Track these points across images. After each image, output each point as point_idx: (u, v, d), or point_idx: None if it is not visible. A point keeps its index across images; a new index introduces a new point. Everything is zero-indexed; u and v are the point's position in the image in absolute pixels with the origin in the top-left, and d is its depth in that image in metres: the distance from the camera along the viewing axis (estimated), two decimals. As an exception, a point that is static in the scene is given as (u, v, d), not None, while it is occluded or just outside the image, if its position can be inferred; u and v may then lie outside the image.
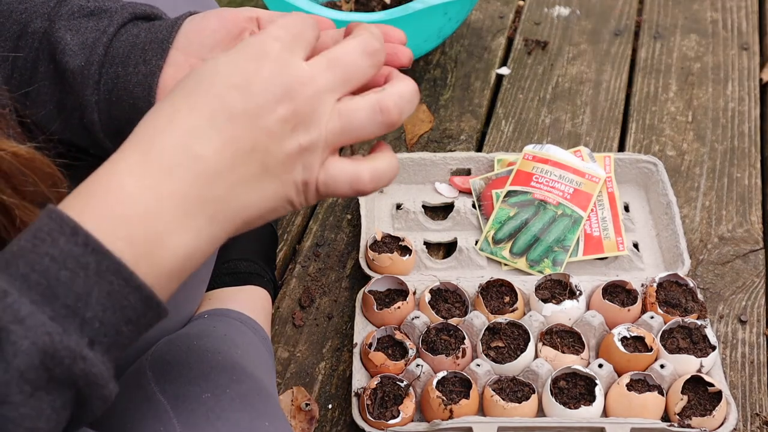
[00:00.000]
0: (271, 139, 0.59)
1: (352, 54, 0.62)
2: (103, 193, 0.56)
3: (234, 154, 0.58)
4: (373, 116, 0.61)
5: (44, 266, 0.53)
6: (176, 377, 0.85)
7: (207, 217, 0.58)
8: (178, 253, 0.57)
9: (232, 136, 0.58)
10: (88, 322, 0.53)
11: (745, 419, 1.08)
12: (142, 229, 0.55)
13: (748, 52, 1.60)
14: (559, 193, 1.26)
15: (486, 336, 1.09)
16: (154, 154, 0.57)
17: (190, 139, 0.57)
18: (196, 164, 0.57)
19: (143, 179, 0.56)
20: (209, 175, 0.57)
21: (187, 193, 0.57)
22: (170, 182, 0.57)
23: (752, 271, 1.24)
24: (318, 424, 1.08)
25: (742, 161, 1.40)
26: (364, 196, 0.60)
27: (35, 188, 0.63)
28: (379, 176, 0.63)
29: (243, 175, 0.58)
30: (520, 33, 1.66)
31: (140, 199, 0.56)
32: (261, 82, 0.59)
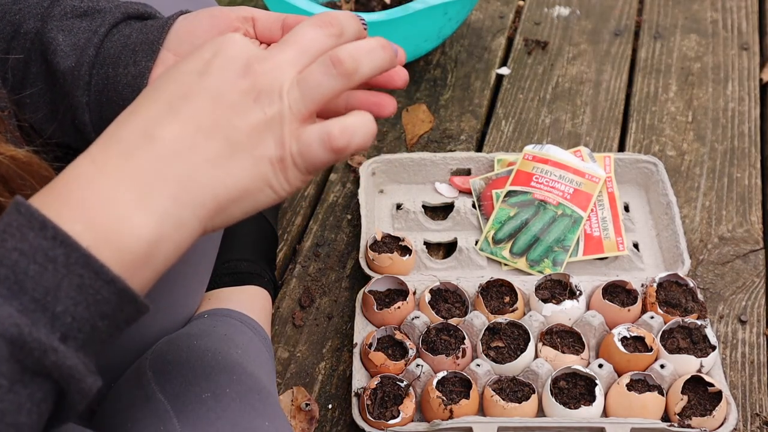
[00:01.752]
0: (234, 113, 0.58)
1: (305, 27, 0.61)
2: (64, 181, 0.56)
3: (195, 132, 0.57)
4: (327, 70, 0.59)
5: (12, 260, 0.52)
6: (176, 377, 0.85)
7: (169, 198, 0.56)
8: (141, 237, 0.55)
9: (192, 115, 0.57)
10: (59, 317, 0.53)
11: (745, 419, 1.08)
12: (101, 212, 0.54)
13: (748, 52, 1.60)
14: (559, 193, 1.26)
15: (486, 336, 1.09)
16: (114, 142, 0.57)
17: (148, 123, 0.57)
18: (154, 145, 0.56)
19: (101, 166, 0.56)
20: (168, 155, 0.56)
21: (145, 174, 0.55)
22: (128, 165, 0.56)
23: (752, 271, 1.24)
24: (318, 424, 1.08)
25: (742, 161, 1.40)
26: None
27: (33, 192, 0.62)
28: (351, 130, 0.60)
29: (207, 152, 0.57)
30: (520, 33, 1.66)
31: (98, 184, 0.55)
32: (220, 63, 0.59)
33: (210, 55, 0.59)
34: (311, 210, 1.35)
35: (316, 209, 1.34)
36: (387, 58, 0.62)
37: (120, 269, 0.54)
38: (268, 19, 0.77)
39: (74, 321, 0.53)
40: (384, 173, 1.34)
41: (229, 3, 1.70)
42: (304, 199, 1.35)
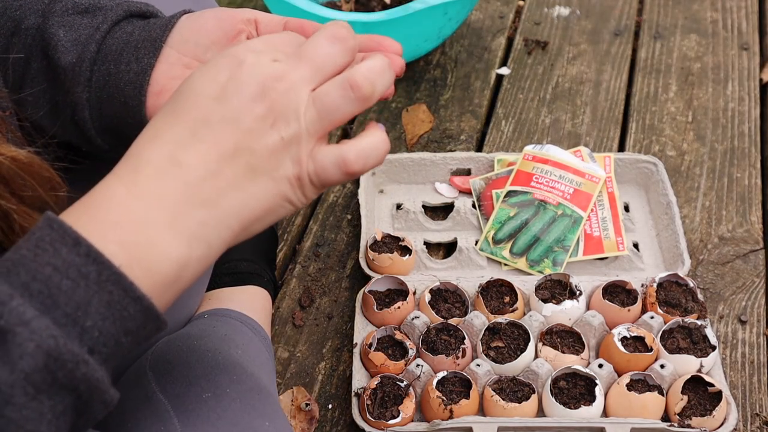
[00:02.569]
0: (253, 138, 0.60)
1: (320, 43, 0.62)
2: (97, 202, 0.58)
3: (218, 158, 0.59)
4: (344, 93, 0.61)
5: (46, 275, 0.53)
6: (177, 377, 0.85)
7: (198, 222, 0.58)
8: (171, 258, 0.57)
9: (214, 141, 0.59)
10: (88, 331, 0.54)
11: (745, 419, 1.08)
12: (134, 233, 0.56)
13: (748, 52, 1.60)
14: (559, 193, 1.26)
15: (486, 336, 1.09)
16: (142, 165, 0.59)
17: (175, 148, 0.59)
18: (182, 171, 0.58)
19: (132, 188, 0.58)
20: (196, 181, 0.58)
21: (175, 199, 0.58)
22: (158, 189, 0.58)
23: (752, 271, 1.24)
24: (318, 424, 1.08)
25: (742, 161, 1.40)
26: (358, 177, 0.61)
27: (34, 193, 0.64)
28: (365, 154, 0.62)
29: (231, 178, 0.59)
30: (520, 33, 1.66)
31: (130, 206, 0.57)
32: (235, 86, 0.60)
33: (224, 77, 0.60)
34: (311, 210, 1.35)
35: (316, 209, 1.34)
36: (393, 76, 0.64)
37: (149, 289, 0.56)
38: (271, 21, 0.77)
39: (101, 336, 0.55)
40: (384, 173, 1.34)
41: (229, 3, 1.70)
42: (304, 199, 1.35)
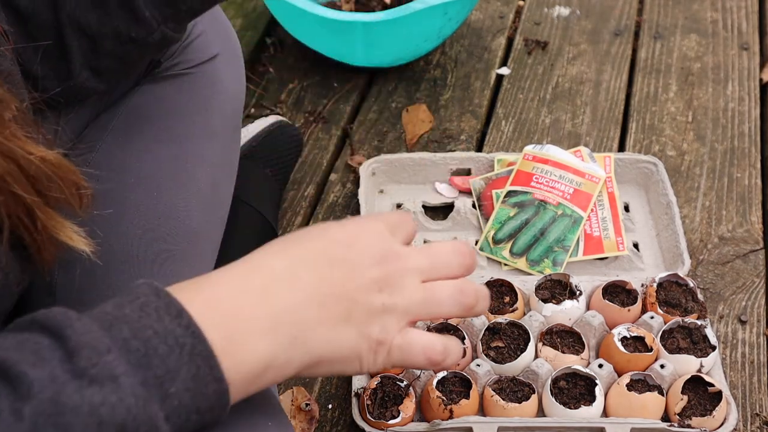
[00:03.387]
0: (360, 291, 0.65)
1: (444, 249, 0.70)
2: (211, 286, 0.62)
3: (328, 292, 0.64)
4: (454, 294, 0.68)
5: (146, 336, 0.56)
6: None
7: (289, 338, 0.62)
8: (259, 359, 0.61)
9: (330, 276, 0.64)
10: (170, 397, 0.56)
11: (745, 419, 1.08)
12: (234, 328, 0.60)
13: (748, 52, 1.60)
14: (559, 193, 1.26)
15: (486, 336, 1.09)
16: (264, 268, 0.64)
17: (296, 265, 0.64)
18: (293, 287, 0.63)
19: (246, 289, 0.62)
20: (302, 303, 0.63)
21: (280, 312, 0.62)
22: (269, 298, 0.62)
23: (752, 271, 1.24)
24: (318, 424, 1.08)
25: (742, 161, 1.40)
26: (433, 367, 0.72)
27: (59, 194, 0.66)
28: (448, 351, 0.69)
29: (329, 314, 0.64)
30: (520, 33, 1.66)
31: (240, 300, 0.61)
32: (363, 244, 0.66)
33: (357, 233, 0.67)
34: (311, 210, 1.35)
35: (316, 209, 1.34)
36: (488, 306, 0.72)
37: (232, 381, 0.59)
38: None
39: (179, 406, 0.57)
40: (384, 173, 1.34)
41: (230, 3, 1.70)
42: (304, 199, 1.35)
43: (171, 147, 0.99)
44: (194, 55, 1.04)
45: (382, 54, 1.49)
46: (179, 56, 1.03)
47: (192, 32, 1.05)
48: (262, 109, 1.51)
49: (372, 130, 1.47)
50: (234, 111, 1.08)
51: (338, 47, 1.49)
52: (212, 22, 1.08)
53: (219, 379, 0.59)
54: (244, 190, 1.20)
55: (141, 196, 0.95)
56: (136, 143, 0.95)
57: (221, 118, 1.04)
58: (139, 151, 0.96)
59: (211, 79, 1.04)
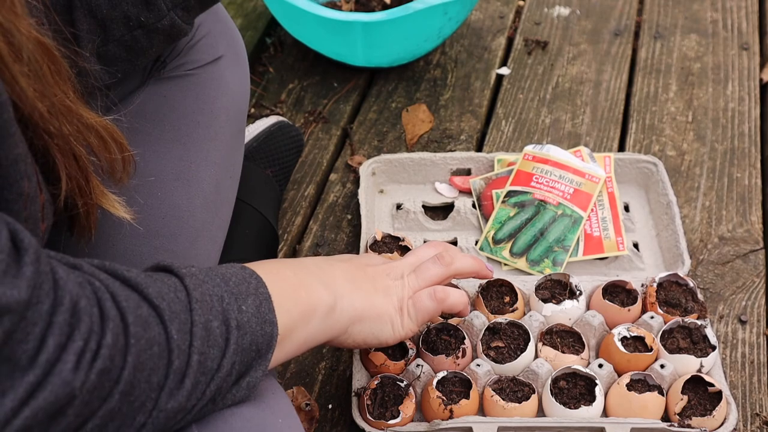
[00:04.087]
0: (375, 278, 0.92)
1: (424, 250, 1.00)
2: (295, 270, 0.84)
3: (355, 275, 0.90)
4: (435, 262, 0.97)
5: (221, 272, 0.75)
6: None
7: (336, 295, 0.86)
8: (299, 341, 0.82)
9: (354, 268, 0.92)
10: (242, 312, 0.72)
11: (745, 419, 1.08)
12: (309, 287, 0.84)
13: (748, 52, 1.60)
14: (559, 193, 1.26)
15: (486, 336, 1.09)
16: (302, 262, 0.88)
17: (337, 270, 0.89)
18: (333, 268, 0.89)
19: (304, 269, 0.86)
20: (340, 276, 0.88)
21: (328, 281, 0.86)
22: (320, 274, 0.86)
23: (752, 271, 1.24)
24: (318, 424, 1.08)
25: (742, 161, 1.40)
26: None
27: (112, 155, 0.76)
28: (447, 290, 0.97)
29: (361, 285, 0.90)
30: (520, 33, 1.66)
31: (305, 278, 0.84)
32: (374, 262, 0.95)
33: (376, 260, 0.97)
34: (311, 210, 1.35)
35: (316, 209, 1.34)
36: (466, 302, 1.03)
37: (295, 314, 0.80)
38: None
39: (247, 323, 0.73)
40: (384, 173, 1.34)
41: (230, 2, 1.70)
42: (304, 199, 1.35)
43: (175, 147, 0.99)
44: (199, 56, 1.04)
45: (382, 54, 1.49)
46: (184, 57, 1.04)
47: (197, 33, 1.05)
48: (262, 109, 1.51)
49: (372, 130, 1.47)
50: (238, 112, 1.08)
51: (338, 47, 1.49)
52: (217, 23, 1.08)
53: (272, 323, 0.74)
54: (244, 190, 1.20)
55: (145, 196, 0.95)
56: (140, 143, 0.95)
57: (226, 120, 1.05)
58: (144, 151, 0.96)
59: (216, 81, 1.05)
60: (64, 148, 0.69)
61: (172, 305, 0.67)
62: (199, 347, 0.67)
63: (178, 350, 0.66)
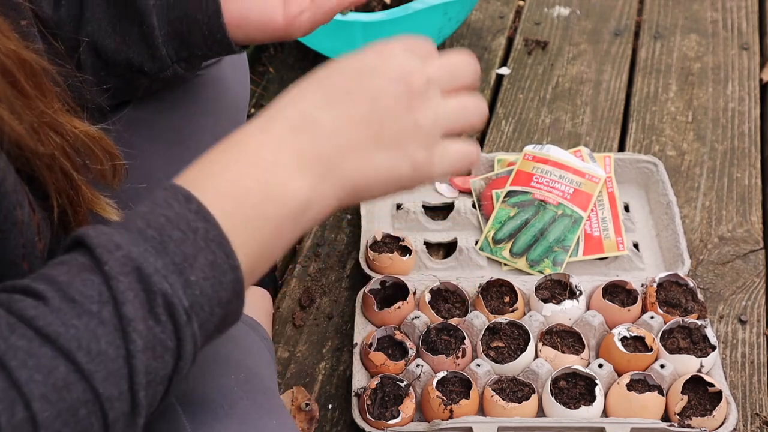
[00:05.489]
0: (388, 113, 0.64)
1: (458, 58, 0.70)
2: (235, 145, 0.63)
3: (348, 122, 0.64)
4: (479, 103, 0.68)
5: (159, 224, 0.57)
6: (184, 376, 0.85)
7: (320, 174, 0.63)
8: (297, 197, 0.62)
9: (349, 108, 0.64)
10: (191, 286, 0.57)
11: (745, 419, 1.08)
12: (268, 173, 0.61)
13: (748, 52, 1.60)
14: (559, 193, 1.26)
15: (486, 336, 1.09)
16: (280, 118, 0.64)
17: (312, 108, 0.64)
18: (314, 127, 0.63)
19: (270, 135, 0.63)
20: (325, 138, 0.63)
21: (305, 149, 0.63)
22: (291, 138, 0.63)
23: (752, 271, 1.24)
24: (318, 424, 1.08)
25: (743, 161, 1.40)
26: None
27: (100, 166, 0.71)
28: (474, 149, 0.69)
29: (357, 142, 0.64)
30: (520, 33, 1.66)
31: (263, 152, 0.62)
32: (380, 69, 0.65)
33: (372, 61, 0.66)
34: (311, 210, 1.35)
35: (316, 209, 1.34)
36: None
37: (275, 223, 0.61)
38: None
39: (201, 295, 0.57)
40: (384, 173, 1.34)
41: None
42: (304, 199, 1.35)
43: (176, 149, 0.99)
44: None
45: (382, 54, 1.49)
46: None
47: None
48: (262, 109, 1.51)
49: (372, 130, 1.47)
50: (239, 114, 1.08)
51: (338, 47, 1.49)
52: None
53: (235, 268, 0.59)
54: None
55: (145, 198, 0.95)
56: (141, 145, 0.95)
57: (227, 121, 1.05)
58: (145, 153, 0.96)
59: (216, 81, 1.05)
60: (51, 164, 0.67)
61: (92, 343, 0.54)
62: (143, 374, 0.55)
63: (111, 400, 0.54)
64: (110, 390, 0.54)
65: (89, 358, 0.53)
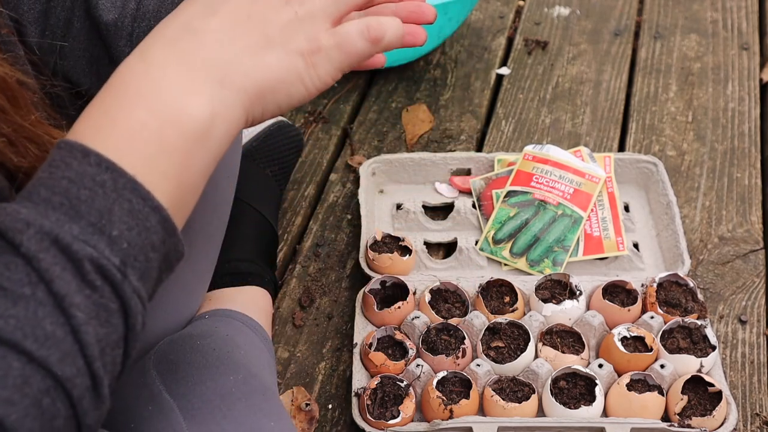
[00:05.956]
0: (267, 9, 0.62)
1: None
2: (118, 78, 0.59)
3: (233, 25, 0.61)
4: None
5: (63, 188, 0.54)
6: (182, 377, 0.85)
7: (215, 81, 0.59)
8: (197, 117, 0.58)
9: (230, 11, 0.62)
10: (116, 241, 0.54)
11: (745, 419, 1.08)
12: (157, 96, 0.58)
13: (748, 52, 1.60)
14: (559, 193, 1.26)
15: (486, 336, 1.09)
16: (158, 38, 0.61)
17: (190, 18, 0.61)
18: (197, 36, 0.60)
19: (150, 59, 0.59)
20: (210, 44, 0.60)
21: (191, 61, 0.59)
22: (173, 55, 0.59)
23: (752, 271, 1.24)
24: (318, 424, 1.08)
25: (743, 161, 1.40)
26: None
27: None
28: (384, 25, 0.65)
29: (245, 43, 0.61)
30: (520, 33, 1.66)
31: (149, 74, 0.58)
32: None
33: None
34: (311, 210, 1.35)
35: (316, 209, 1.34)
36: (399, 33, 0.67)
37: (183, 149, 0.57)
38: None
39: (130, 247, 0.55)
40: (384, 173, 1.34)
41: None
42: (304, 199, 1.35)
43: None
44: None
45: (382, 54, 1.49)
46: None
47: None
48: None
49: (372, 130, 1.47)
50: None
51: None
52: None
53: (156, 208, 0.56)
54: (244, 190, 1.20)
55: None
56: None
57: None
58: None
59: None
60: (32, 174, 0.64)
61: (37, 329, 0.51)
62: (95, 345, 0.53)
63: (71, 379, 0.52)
64: (68, 370, 0.52)
65: (39, 344, 0.51)
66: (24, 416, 0.50)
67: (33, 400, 0.50)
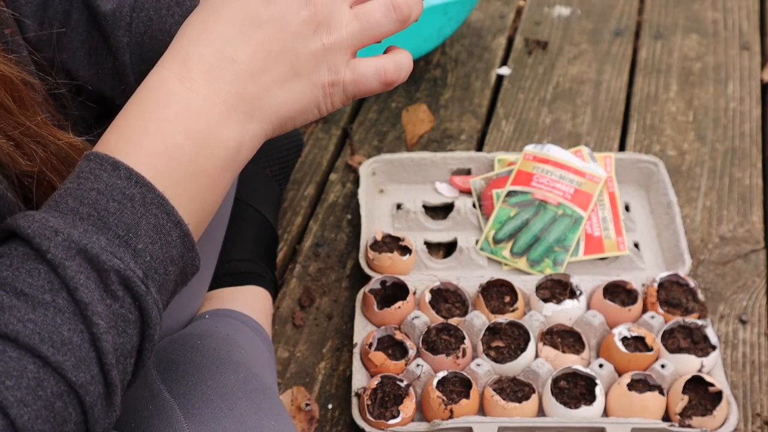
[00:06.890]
0: (297, 40, 0.63)
1: None
2: (155, 97, 0.61)
3: (266, 56, 0.63)
4: (387, 14, 0.67)
5: (92, 199, 0.56)
6: (182, 376, 0.85)
7: (246, 114, 0.62)
8: (228, 146, 0.61)
9: (263, 40, 0.63)
10: (140, 254, 0.56)
11: (745, 419, 1.08)
12: (196, 123, 0.60)
13: (749, 52, 1.60)
14: (560, 193, 1.26)
15: (486, 336, 1.08)
16: (194, 61, 0.62)
17: (225, 45, 0.62)
18: (233, 66, 0.62)
19: (188, 83, 0.61)
20: (245, 76, 0.62)
21: (228, 92, 0.62)
22: (212, 83, 0.61)
23: (753, 271, 1.24)
24: (318, 424, 1.08)
25: (743, 161, 1.40)
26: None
27: None
28: (400, 66, 0.68)
29: (276, 75, 0.63)
30: (520, 33, 1.66)
31: (189, 99, 0.60)
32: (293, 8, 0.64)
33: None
34: (311, 210, 1.35)
35: (316, 209, 1.34)
36: (422, 7, 0.71)
37: (212, 174, 0.60)
38: None
39: (152, 260, 0.57)
40: (384, 173, 1.34)
41: None
42: (304, 199, 1.35)
43: None
44: None
45: (382, 54, 1.49)
46: None
47: None
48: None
49: (372, 130, 1.47)
50: None
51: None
52: None
53: (179, 223, 0.58)
54: (244, 190, 1.20)
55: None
56: None
57: None
58: None
59: None
60: (40, 178, 0.66)
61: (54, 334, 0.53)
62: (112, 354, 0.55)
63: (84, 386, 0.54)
64: (82, 377, 0.53)
65: (55, 349, 0.52)
66: (36, 418, 0.51)
67: (46, 402, 0.52)
